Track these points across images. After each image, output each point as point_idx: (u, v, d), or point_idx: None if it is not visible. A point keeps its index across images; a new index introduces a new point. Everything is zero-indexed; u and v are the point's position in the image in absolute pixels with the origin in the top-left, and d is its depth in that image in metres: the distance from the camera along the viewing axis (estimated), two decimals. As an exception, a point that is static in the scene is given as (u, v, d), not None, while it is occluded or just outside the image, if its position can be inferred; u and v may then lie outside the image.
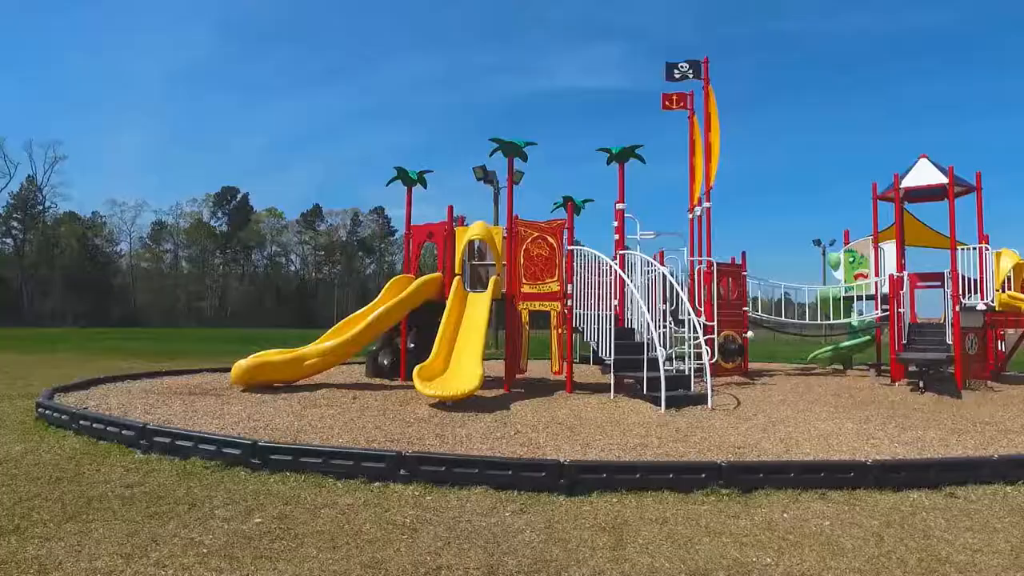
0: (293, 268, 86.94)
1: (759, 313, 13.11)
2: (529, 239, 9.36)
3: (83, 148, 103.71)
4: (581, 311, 8.96)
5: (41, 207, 69.69)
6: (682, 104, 12.38)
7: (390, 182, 10.56)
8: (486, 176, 25.26)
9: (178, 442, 5.28)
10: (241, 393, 8.07)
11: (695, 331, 8.42)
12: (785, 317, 13.32)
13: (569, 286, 9.01)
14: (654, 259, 10.23)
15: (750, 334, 11.90)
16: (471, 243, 10.27)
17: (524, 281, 9.35)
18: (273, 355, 8.78)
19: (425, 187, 10.72)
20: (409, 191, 10.63)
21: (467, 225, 10.38)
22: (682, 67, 11.72)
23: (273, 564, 3.23)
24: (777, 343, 27.44)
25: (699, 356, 8.37)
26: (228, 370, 8.67)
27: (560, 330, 9.17)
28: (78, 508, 4.03)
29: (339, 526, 3.80)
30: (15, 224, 68.72)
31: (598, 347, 8.71)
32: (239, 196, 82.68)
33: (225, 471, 4.87)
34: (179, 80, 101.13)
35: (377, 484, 4.64)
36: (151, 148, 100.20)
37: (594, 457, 5.20)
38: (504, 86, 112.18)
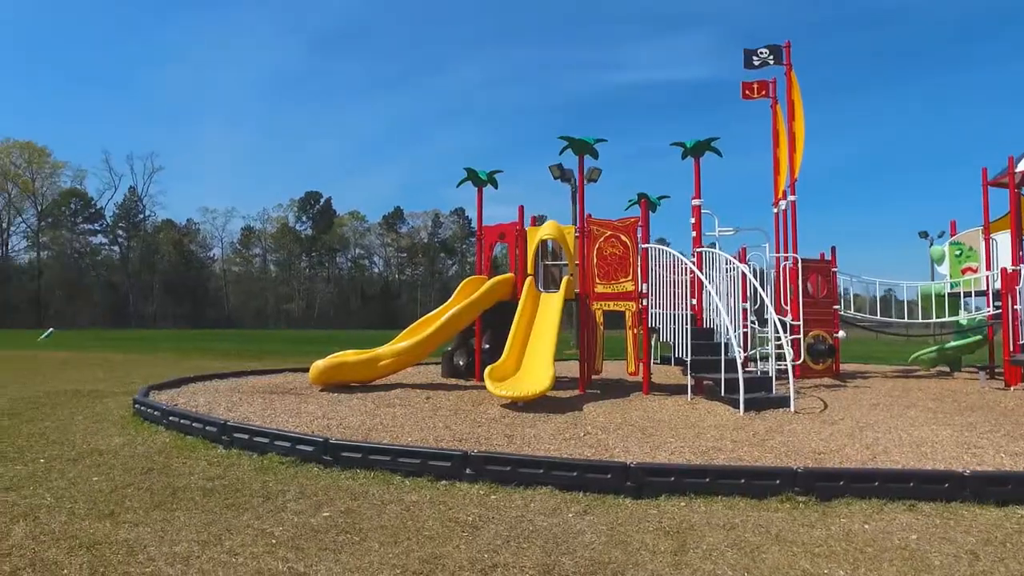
0: (376, 270, 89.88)
1: (852, 312, 12.40)
2: (602, 238, 9.23)
3: (176, 158, 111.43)
4: (658, 310, 8.76)
5: (142, 216, 75.30)
6: (763, 92, 11.91)
7: (460, 183, 10.69)
8: (563, 174, 25.13)
9: (256, 438, 5.52)
10: (319, 392, 8.38)
11: (777, 331, 8.06)
12: (887, 316, 12.55)
13: (644, 285, 8.82)
14: (735, 256, 9.88)
15: (842, 334, 11.29)
16: (544, 243, 10.24)
17: (598, 281, 9.24)
18: (349, 356, 9.06)
19: (496, 187, 10.77)
20: (479, 191, 10.71)
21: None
22: (762, 53, 11.25)
23: (336, 556, 3.31)
24: (879, 343, 25.96)
25: (782, 357, 8.01)
26: (308, 370, 9.00)
27: (635, 330, 9.00)
28: (164, 497, 4.28)
29: (403, 522, 3.85)
30: (120, 232, 74.46)
31: (675, 347, 8.49)
32: (322, 200, 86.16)
33: (299, 467, 5.05)
34: (262, 89, 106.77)
35: (443, 482, 4.69)
36: (238, 156, 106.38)
37: (663, 460, 5.05)
38: (581, 81, 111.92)
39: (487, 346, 10.08)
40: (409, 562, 3.24)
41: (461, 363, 10.49)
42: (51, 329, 35.88)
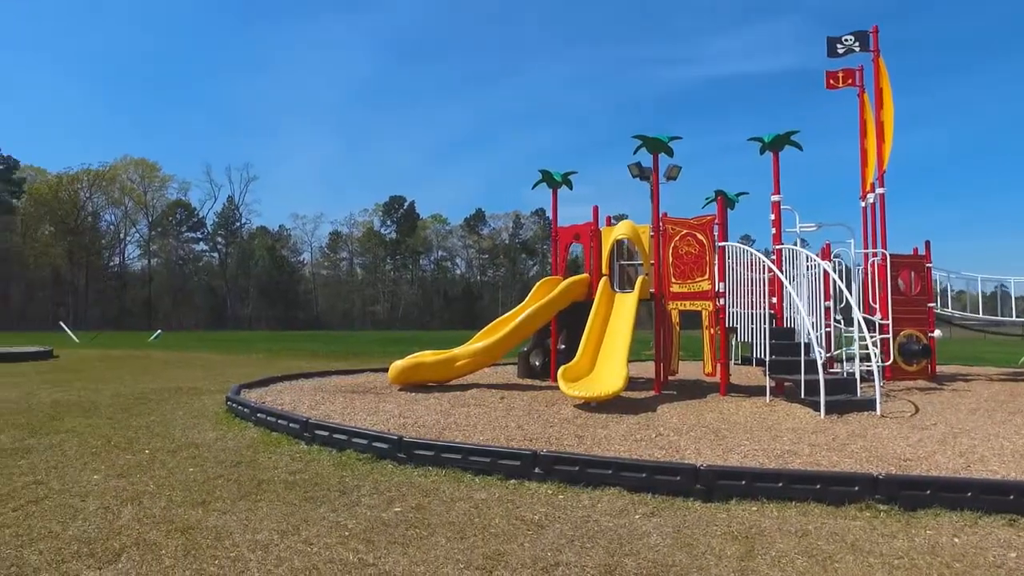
0: (459, 271, 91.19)
1: (951, 310, 11.61)
2: (677, 237, 9.07)
3: (268, 167, 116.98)
4: (737, 310, 8.53)
5: (238, 223, 79.65)
6: (849, 81, 11.39)
7: (536, 185, 10.76)
8: (642, 173, 24.67)
9: (335, 435, 5.78)
10: (397, 392, 8.65)
11: (862, 330, 7.67)
12: (996, 314, 11.68)
13: (721, 284, 8.61)
14: (818, 254, 9.47)
15: (937, 333, 10.62)
16: (619, 243, 10.16)
17: (673, 280, 9.09)
18: (427, 356, 9.30)
19: (571, 188, 10.78)
20: (554, 193, 10.74)
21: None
22: (846, 40, 10.73)
23: (404, 549, 3.44)
24: (987, 344, 24.15)
25: (868, 357, 7.62)
26: (388, 370, 9.30)
27: (712, 330, 8.80)
28: (250, 489, 4.57)
29: (470, 519, 3.94)
30: (219, 240, 79.10)
31: (755, 347, 8.25)
32: (406, 204, 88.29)
33: (375, 463, 5.25)
34: (347, 97, 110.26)
35: (512, 481, 4.76)
36: (325, 163, 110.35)
37: (736, 463, 4.92)
38: (659, 77, 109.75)
39: (563, 346, 10.10)
40: (473, 558, 3.32)
41: (537, 363, 10.56)
42: (160, 331, 38.58)
